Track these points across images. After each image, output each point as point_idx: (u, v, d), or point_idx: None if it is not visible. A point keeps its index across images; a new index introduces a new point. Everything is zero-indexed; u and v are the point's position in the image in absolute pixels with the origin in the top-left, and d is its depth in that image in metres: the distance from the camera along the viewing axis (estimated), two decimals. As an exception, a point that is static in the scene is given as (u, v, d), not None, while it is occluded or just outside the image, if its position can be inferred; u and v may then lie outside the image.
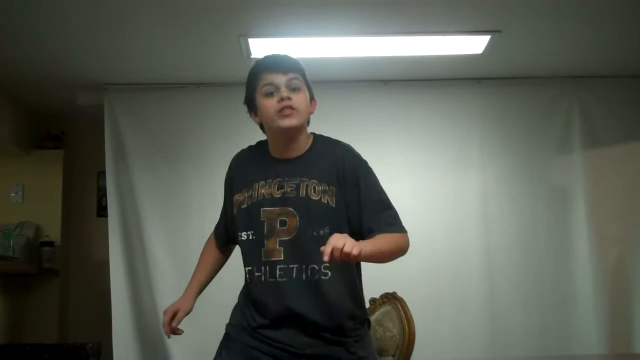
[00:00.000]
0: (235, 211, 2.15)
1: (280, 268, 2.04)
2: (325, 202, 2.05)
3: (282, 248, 2.04)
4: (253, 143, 2.27)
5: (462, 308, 4.22)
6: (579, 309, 4.21)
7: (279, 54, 2.17)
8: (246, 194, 2.11)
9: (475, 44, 3.87)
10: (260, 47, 3.85)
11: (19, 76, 4.34)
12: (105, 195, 4.51)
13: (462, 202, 4.35)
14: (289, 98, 2.05)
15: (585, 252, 4.25)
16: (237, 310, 2.20)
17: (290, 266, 2.04)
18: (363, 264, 2.12)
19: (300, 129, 2.12)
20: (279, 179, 2.09)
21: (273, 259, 2.05)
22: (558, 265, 4.28)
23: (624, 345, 4.18)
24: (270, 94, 2.08)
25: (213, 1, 3.28)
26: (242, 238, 2.12)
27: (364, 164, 2.14)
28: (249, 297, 2.14)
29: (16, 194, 5.07)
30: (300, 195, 2.05)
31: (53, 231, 5.01)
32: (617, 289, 4.26)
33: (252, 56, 3.93)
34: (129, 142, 4.41)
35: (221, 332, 2.24)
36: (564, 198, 4.37)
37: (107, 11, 3.39)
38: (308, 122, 2.17)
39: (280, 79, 2.08)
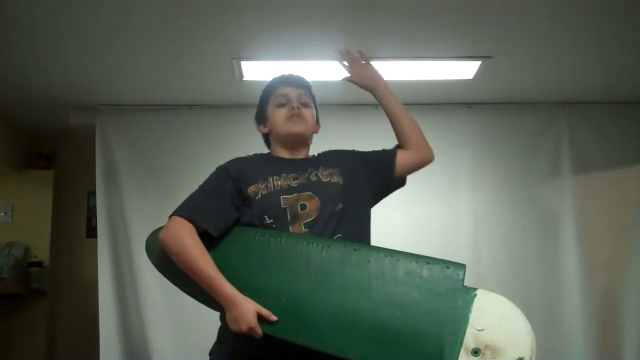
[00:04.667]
0: (250, 202, 2.16)
1: None
2: (335, 180, 2.23)
3: (307, 229, 2.12)
4: None
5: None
6: (568, 334, 4.20)
7: (293, 73, 2.39)
8: (261, 186, 2.15)
9: (466, 70, 3.90)
10: (252, 70, 3.87)
11: (11, 95, 4.34)
12: (94, 215, 4.51)
13: (453, 226, 4.36)
14: (298, 108, 2.27)
15: (574, 276, 4.26)
16: None
17: None
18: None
19: (305, 138, 2.31)
20: (293, 174, 2.20)
21: None
22: (548, 290, 4.28)
23: (613, 371, 4.18)
24: (282, 105, 2.28)
25: (206, 24, 3.30)
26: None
27: (348, 151, 2.44)
28: None
29: (5, 213, 5.05)
30: (312, 179, 2.21)
31: (42, 251, 5.00)
32: (606, 314, 4.26)
33: (244, 79, 3.95)
34: (120, 163, 4.41)
35: (206, 348, 2.22)
36: (554, 223, 4.38)
37: (100, 32, 3.40)
38: (310, 140, 2.36)
39: (293, 93, 2.30)
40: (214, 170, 2.24)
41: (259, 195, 2.13)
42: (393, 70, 3.92)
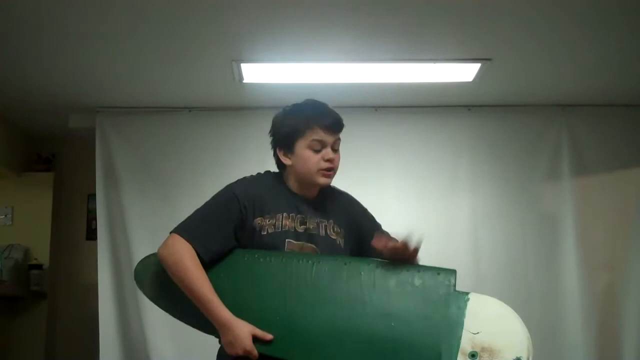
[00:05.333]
0: (254, 235, 2.13)
1: None
2: (340, 243, 2.20)
3: None
4: (242, 167, 2.28)
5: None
6: (567, 336, 4.20)
7: (330, 110, 2.26)
8: (268, 221, 2.12)
9: (465, 72, 3.90)
10: (252, 72, 3.87)
11: (10, 98, 4.34)
12: (94, 218, 4.50)
13: (453, 228, 4.35)
14: (332, 160, 2.18)
15: (574, 279, 4.25)
16: None
17: None
18: None
19: None
20: (301, 216, 2.16)
21: None
22: (547, 292, 4.27)
23: (612, 374, 4.18)
24: (317, 150, 2.18)
25: (206, 26, 3.30)
26: None
27: (360, 207, 2.36)
28: None
29: (5, 216, 5.05)
30: (321, 234, 2.17)
31: (42, 254, 4.99)
32: (606, 316, 4.26)
33: (244, 81, 3.95)
34: (120, 166, 4.41)
35: (205, 351, 2.22)
36: (554, 225, 4.38)
37: (100, 35, 3.40)
38: None
39: (330, 139, 2.20)
40: (224, 190, 2.20)
41: (264, 232, 2.11)
42: (393, 73, 3.92)
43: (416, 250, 2.03)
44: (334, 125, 2.21)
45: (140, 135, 4.47)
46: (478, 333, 1.86)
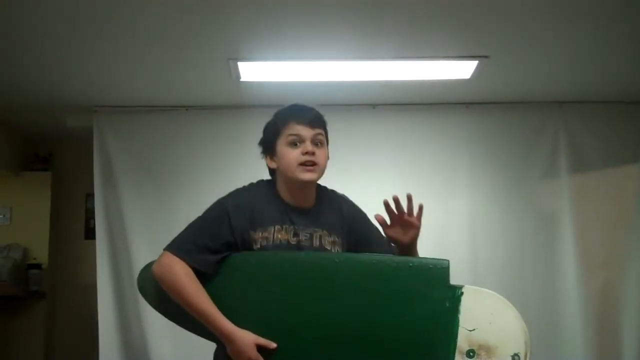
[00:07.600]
0: (246, 249, 2.11)
1: None
2: (335, 252, 2.16)
3: None
4: (239, 167, 2.27)
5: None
6: (565, 334, 4.21)
7: (307, 107, 2.23)
8: (261, 234, 2.10)
9: (463, 69, 3.90)
10: (249, 71, 3.87)
11: (7, 97, 4.34)
12: (93, 217, 4.50)
13: (450, 225, 4.35)
14: (313, 153, 2.13)
15: (572, 276, 4.26)
16: None
17: None
18: None
19: (315, 182, 2.20)
20: (294, 227, 2.14)
21: None
22: (545, 290, 4.28)
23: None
24: (294, 145, 2.14)
25: (202, 24, 3.30)
26: None
27: (358, 210, 2.31)
28: None
29: (4, 215, 5.06)
30: (314, 245, 2.14)
31: (40, 254, 5.00)
32: (604, 313, 4.26)
33: (241, 79, 3.95)
34: (118, 165, 4.40)
35: (205, 351, 2.22)
36: (551, 222, 4.39)
37: (97, 34, 3.39)
38: None
39: (307, 133, 2.15)
40: (215, 204, 2.17)
41: (257, 246, 2.09)
42: (391, 70, 3.92)
43: (415, 212, 2.16)
44: (309, 119, 2.17)
45: (137, 134, 4.47)
46: (474, 330, 1.84)
